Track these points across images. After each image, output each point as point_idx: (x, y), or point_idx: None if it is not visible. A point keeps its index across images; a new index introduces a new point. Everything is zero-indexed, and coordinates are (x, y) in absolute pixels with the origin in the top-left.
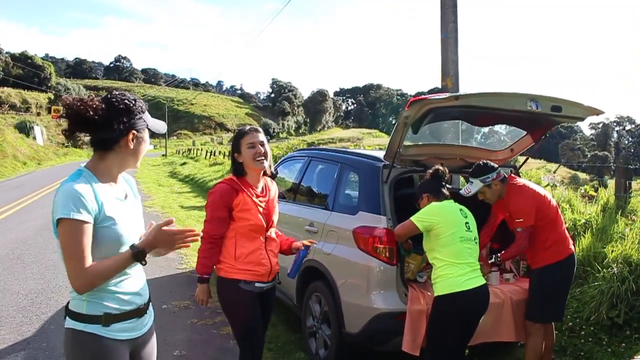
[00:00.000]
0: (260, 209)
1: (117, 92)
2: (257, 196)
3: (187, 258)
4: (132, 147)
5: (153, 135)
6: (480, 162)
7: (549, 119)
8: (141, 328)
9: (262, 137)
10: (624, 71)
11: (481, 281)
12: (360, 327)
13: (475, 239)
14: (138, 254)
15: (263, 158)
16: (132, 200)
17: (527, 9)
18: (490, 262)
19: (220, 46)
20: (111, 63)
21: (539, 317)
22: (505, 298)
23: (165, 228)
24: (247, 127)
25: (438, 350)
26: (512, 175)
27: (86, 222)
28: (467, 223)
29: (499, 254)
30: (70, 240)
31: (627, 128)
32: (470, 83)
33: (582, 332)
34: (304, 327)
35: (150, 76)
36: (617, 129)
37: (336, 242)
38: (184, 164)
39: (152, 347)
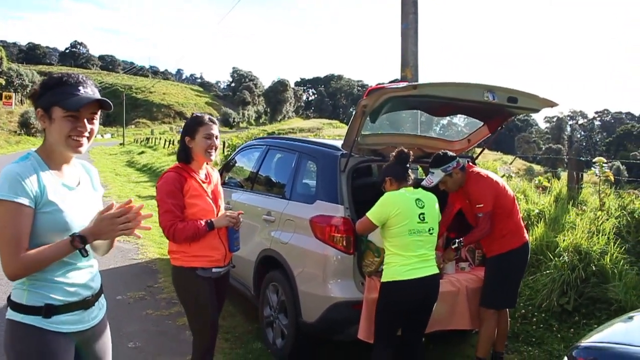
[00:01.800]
0: (209, 194)
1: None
2: (203, 182)
3: (143, 248)
4: (45, 126)
5: (110, 123)
6: (440, 153)
7: (505, 110)
8: (89, 321)
9: (217, 130)
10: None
11: (430, 272)
12: (317, 316)
13: (430, 230)
14: (75, 240)
15: (213, 151)
16: (85, 190)
17: (521, 8)
18: (453, 246)
19: (180, 33)
20: (67, 49)
21: (493, 304)
22: (461, 287)
23: (105, 213)
24: (207, 117)
25: (382, 337)
26: (470, 164)
27: (22, 205)
28: (421, 214)
29: (461, 238)
30: (3, 223)
31: (579, 122)
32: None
33: (534, 319)
34: (261, 317)
35: (108, 63)
36: (570, 122)
37: (293, 231)
38: (142, 153)
39: (106, 340)
